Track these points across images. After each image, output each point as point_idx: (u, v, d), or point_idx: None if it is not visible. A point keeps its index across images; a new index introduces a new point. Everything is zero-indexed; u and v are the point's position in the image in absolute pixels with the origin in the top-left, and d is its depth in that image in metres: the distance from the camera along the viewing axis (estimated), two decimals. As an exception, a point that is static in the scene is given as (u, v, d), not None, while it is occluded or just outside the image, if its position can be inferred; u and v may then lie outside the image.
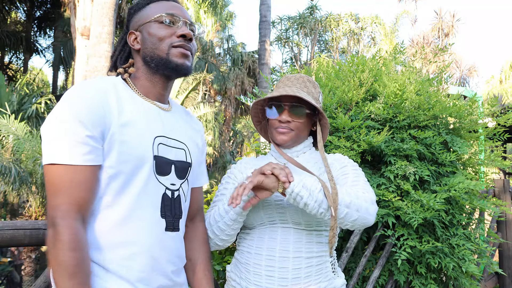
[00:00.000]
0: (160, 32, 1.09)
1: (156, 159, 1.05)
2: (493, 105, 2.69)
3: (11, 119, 7.71)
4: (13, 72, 16.33)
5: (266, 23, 12.04)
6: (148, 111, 1.09)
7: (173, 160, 1.11)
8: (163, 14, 1.11)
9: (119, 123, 1.00)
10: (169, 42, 1.09)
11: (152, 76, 1.13)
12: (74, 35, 9.17)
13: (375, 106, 2.31)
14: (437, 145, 2.25)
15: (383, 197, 2.07)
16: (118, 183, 0.99)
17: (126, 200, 1.00)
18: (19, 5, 15.44)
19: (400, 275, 2.18)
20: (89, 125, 0.95)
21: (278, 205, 1.23)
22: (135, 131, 1.02)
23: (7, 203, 9.54)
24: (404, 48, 2.72)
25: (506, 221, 3.78)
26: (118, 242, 0.99)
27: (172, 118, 1.17)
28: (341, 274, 1.34)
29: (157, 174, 1.06)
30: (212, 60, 17.25)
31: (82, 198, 0.94)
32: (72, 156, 0.93)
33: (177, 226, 1.11)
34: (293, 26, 19.05)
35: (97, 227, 0.98)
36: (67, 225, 0.90)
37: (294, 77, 1.36)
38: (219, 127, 14.87)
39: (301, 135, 1.34)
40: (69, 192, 0.92)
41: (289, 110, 1.29)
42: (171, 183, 1.10)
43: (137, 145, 1.01)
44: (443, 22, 26.74)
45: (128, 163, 1.00)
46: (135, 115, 1.05)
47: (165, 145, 1.09)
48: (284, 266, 1.20)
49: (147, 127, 1.06)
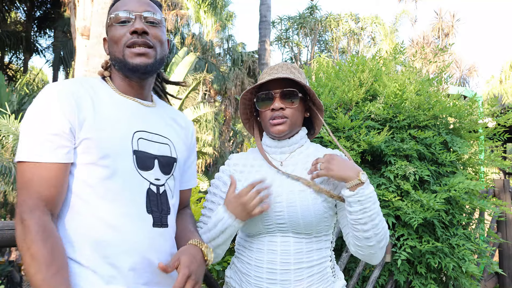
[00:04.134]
0: (115, 34, 1.08)
1: (136, 154, 1.03)
2: (493, 105, 2.69)
3: (11, 119, 7.70)
4: (13, 72, 16.33)
5: (266, 23, 12.04)
6: (126, 107, 1.08)
7: (155, 155, 1.08)
8: (117, 12, 1.08)
9: (94, 120, 0.99)
10: (123, 42, 1.06)
11: (122, 76, 1.11)
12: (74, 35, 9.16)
13: (375, 106, 2.31)
14: (437, 145, 2.25)
15: (383, 197, 2.07)
16: (98, 179, 0.98)
17: (108, 196, 0.98)
18: (19, 5, 15.44)
19: (400, 275, 2.18)
20: (58, 123, 0.95)
21: (278, 216, 1.18)
22: (111, 127, 1.01)
23: (7, 203, 9.53)
24: (404, 48, 2.72)
25: (506, 221, 3.78)
26: (103, 239, 0.96)
27: (155, 114, 1.15)
28: (341, 275, 1.32)
29: (139, 169, 1.03)
30: (212, 60, 17.25)
31: (49, 195, 0.93)
32: (39, 153, 0.94)
33: (165, 222, 1.08)
34: (293, 26, 19.04)
35: (80, 225, 0.97)
36: (34, 218, 0.89)
37: (277, 65, 1.30)
38: (219, 127, 14.86)
39: (296, 122, 1.27)
40: (36, 189, 0.92)
41: (280, 97, 1.23)
42: (155, 178, 1.07)
43: (114, 140, 1.00)
44: (443, 22, 26.73)
45: (107, 159, 0.98)
46: (111, 111, 1.04)
47: (146, 139, 1.07)
48: (286, 279, 1.17)
49: (125, 122, 1.04)
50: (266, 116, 1.26)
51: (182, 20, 16.88)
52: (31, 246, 0.87)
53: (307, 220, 1.17)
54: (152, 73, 1.11)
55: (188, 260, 0.99)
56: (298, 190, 1.19)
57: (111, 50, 1.10)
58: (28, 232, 0.88)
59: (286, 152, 1.30)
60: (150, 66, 1.07)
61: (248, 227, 1.23)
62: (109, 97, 1.07)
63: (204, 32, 18.82)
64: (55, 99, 0.98)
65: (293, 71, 1.27)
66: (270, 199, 1.18)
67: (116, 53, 1.08)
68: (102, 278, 0.95)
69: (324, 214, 1.19)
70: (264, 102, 1.25)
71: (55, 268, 0.87)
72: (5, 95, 9.61)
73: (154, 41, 1.08)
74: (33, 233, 0.87)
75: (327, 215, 1.20)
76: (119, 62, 1.08)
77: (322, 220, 1.19)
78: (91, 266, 0.95)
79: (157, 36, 1.10)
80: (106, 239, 0.96)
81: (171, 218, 1.11)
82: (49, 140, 0.94)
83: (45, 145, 0.94)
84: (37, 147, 0.94)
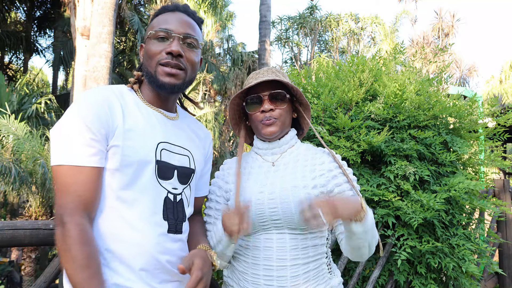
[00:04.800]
0: (152, 48, 1.12)
1: (158, 164, 1.08)
2: (493, 105, 2.69)
3: (11, 119, 7.70)
4: (13, 72, 16.33)
5: (266, 23, 12.03)
6: (152, 118, 1.13)
7: (176, 166, 1.13)
8: (157, 29, 1.12)
9: (124, 128, 1.04)
10: (157, 60, 1.11)
11: (151, 88, 1.16)
12: (74, 35, 9.16)
13: (375, 106, 2.31)
14: (437, 145, 2.25)
15: (383, 197, 2.07)
16: (121, 185, 1.03)
17: (129, 202, 1.03)
18: (19, 5, 15.44)
19: (400, 275, 2.18)
20: (95, 129, 1.00)
21: (272, 213, 1.20)
22: (138, 136, 1.06)
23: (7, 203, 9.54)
24: (404, 48, 2.72)
25: (506, 221, 3.78)
26: (119, 241, 1.01)
27: (178, 126, 1.21)
28: (337, 272, 1.34)
29: (159, 178, 1.09)
30: (212, 60, 17.25)
31: (87, 197, 0.98)
32: (79, 158, 0.98)
33: (180, 229, 1.13)
34: (293, 26, 19.04)
35: (102, 227, 1.02)
36: (75, 222, 0.94)
37: (263, 69, 1.34)
38: (219, 127, 14.87)
39: (285, 123, 1.31)
40: (75, 192, 0.97)
41: (269, 98, 1.27)
42: (173, 187, 1.12)
43: (140, 149, 1.05)
44: (443, 22, 26.74)
45: (131, 166, 1.04)
46: (139, 121, 1.09)
47: (168, 151, 1.12)
48: (283, 275, 1.19)
49: (150, 133, 1.09)
50: (257, 118, 1.29)
51: (182, 20, 16.85)
52: (71, 248, 0.92)
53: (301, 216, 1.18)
54: (179, 92, 1.17)
55: (201, 263, 1.04)
56: (291, 186, 1.21)
57: (145, 62, 1.15)
58: (68, 236, 0.93)
59: (277, 153, 1.33)
60: (177, 86, 1.13)
61: None
62: (137, 107, 1.12)
63: (204, 32, 18.82)
64: (92, 105, 1.02)
65: (278, 75, 1.31)
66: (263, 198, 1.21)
67: (149, 67, 1.13)
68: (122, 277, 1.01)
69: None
70: (254, 105, 1.29)
71: (91, 271, 0.92)
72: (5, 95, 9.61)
73: (186, 64, 1.13)
74: (73, 237, 0.93)
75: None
76: (150, 76, 1.13)
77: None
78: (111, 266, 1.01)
79: (190, 59, 1.14)
80: (124, 240, 1.02)
81: (186, 225, 1.17)
82: (87, 145, 0.99)
83: (84, 150, 0.99)
84: (76, 151, 0.98)
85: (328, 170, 1.27)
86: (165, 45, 1.11)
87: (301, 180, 1.23)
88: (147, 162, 1.06)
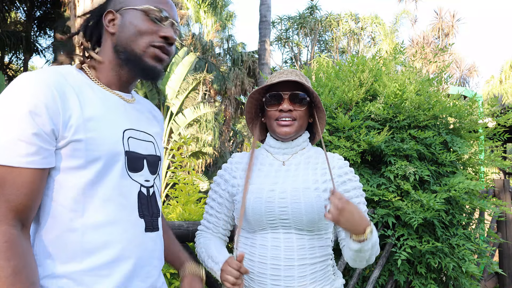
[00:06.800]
0: (143, 26, 0.98)
1: (127, 155, 0.95)
2: (493, 105, 2.69)
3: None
4: (13, 72, 16.33)
5: (266, 23, 12.03)
6: (111, 102, 0.98)
7: (144, 155, 1.01)
8: (153, 7, 0.99)
9: (83, 118, 0.88)
10: (149, 40, 0.98)
11: (119, 67, 1.01)
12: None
13: (375, 106, 2.31)
14: (437, 145, 2.25)
15: (383, 197, 2.07)
16: (86, 184, 0.89)
17: (98, 203, 0.90)
18: (19, 5, 15.45)
19: (400, 275, 2.18)
20: (39, 122, 0.82)
21: (282, 212, 1.20)
22: (102, 125, 0.91)
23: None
24: (404, 48, 2.72)
25: (506, 221, 3.79)
26: (92, 250, 0.88)
27: (137, 109, 1.07)
28: (339, 273, 1.35)
29: (129, 171, 0.96)
30: (212, 60, 17.26)
31: (21, 204, 0.82)
32: (11, 157, 0.80)
33: (156, 225, 1.02)
34: (293, 26, 19.04)
35: (65, 236, 0.87)
36: (2, 232, 0.79)
37: (287, 70, 1.34)
38: (219, 127, 14.87)
39: (302, 126, 1.31)
40: (6, 197, 0.81)
41: (289, 98, 1.27)
42: (145, 180, 1.00)
43: (107, 140, 0.91)
44: (443, 22, 26.74)
45: (97, 162, 0.89)
46: (98, 107, 0.93)
47: (135, 138, 0.99)
48: (290, 275, 1.18)
49: (114, 120, 0.95)
50: (274, 115, 1.29)
51: (182, 20, 16.88)
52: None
53: (310, 217, 1.19)
54: (154, 80, 1.05)
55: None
56: (303, 187, 1.22)
57: (127, 36, 0.98)
58: None
59: (288, 154, 1.33)
60: (160, 74, 1.03)
61: (251, 223, 1.24)
62: (92, 90, 0.95)
63: (204, 32, 18.83)
64: (35, 92, 0.83)
65: (301, 78, 1.32)
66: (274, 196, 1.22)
67: (133, 43, 0.97)
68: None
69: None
70: (273, 102, 1.29)
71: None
72: (5, 95, 9.59)
73: (170, 55, 1.05)
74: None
75: None
76: (132, 54, 0.98)
77: (324, 218, 1.21)
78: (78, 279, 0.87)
79: (173, 50, 1.06)
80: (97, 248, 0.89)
81: (160, 220, 1.06)
82: (25, 141, 0.81)
83: (20, 147, 0.81)
84: (10, 148, 0.80)
85: (338, 175, 1.29)
86: (158, 27, 0.99)
87: (312, 182, 1.24)
88: (116, 154, 0.92)
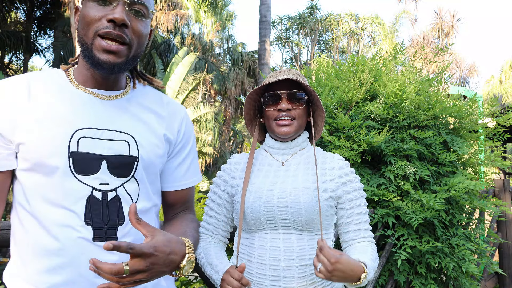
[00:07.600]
0: (90, 13, 0.89)
1: (73, 156, 0.89)
2: (493, 105, 2.69)
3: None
4: (13, 72, 16.33)
5: (266, 23, 12.03)
6: (76, 101, 0.93)
7: (103, 155, 0.92)
8: None
9: (27, 122, 0.88)
10: (95, 28, 0.88)
11: (87, 65, 0.95)
12: (74, 35, 9.17)
13: (375, 106, 2.31)
14: (437, 145, 2.25)
15: (383, 197, 2.07)
16: (35, 186, 0.88)
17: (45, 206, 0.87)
18: (19, 5, 15.44)
19: (400, 275, 2.18)
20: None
21: (282, 212, 1.20)
22: (45, 128, 0.88)
23: (7, 203, 9.53)
24: (404, 48, 2.72)
25: (506, 221, 3.79)
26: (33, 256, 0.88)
27: (117, 106, 0.98)
28: None
29: (77, 173, 0.89)
30: (212, 60, 17.26)
31: None
32: None
33: (114, 234, 0.92)
34: (293, 26, 19.04)
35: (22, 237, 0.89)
36: None
37: (284, 70, 1.33)
38: (219, 127, 14.87)
39: (302, 125, 1.30)
40: None
41: (287, 97, 1.26)
42: (102, 183, 0.91)
43: (45, 142, 0.87)
44: (443, 22, 26.74)
45: (40, 164, 0.87)
46: (52, 108, 0.90)
47: (92, 138, 0.92)
48: (289, 276, 1.18)
49: (64, 121, 0.90)
50: (272, 115, 1.28)
51: (182, 20, 16.88)
52: None
53: (309, 217, 1.19)
54: (120, 72, 0.95)
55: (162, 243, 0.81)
56: (302, 187, 1.22)
57: (81, 30, 0.91)
58: None
59: (288, 154, 1.33)
60: (118, 66, 0.91)
61: (250, 223, 1.24)
62: (58, 91, 0.93)
63: (204, 32, 18.84)
64: None
65: (298, 77, 1.31)
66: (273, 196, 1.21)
67: (84, 36, 0.90)
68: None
69: (325, 212, 1.21)
70: (271, 102, 1.28)
71: None
72: (5, 95, 9.60)
73: (131, 36, 0.91)
74: None
75: (328, 214, 1.23)
76: (85, 49, 0.91)
77: (324, 218, 1.21)
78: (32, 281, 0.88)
79: (137, 30, 0.92)
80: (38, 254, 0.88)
81: (127, 228, 0.94)
82: None
83: None
84: None
85: (338, 176, 1.28)
86: (106, 11, 0.88)
87: (312, 182, 1.23)
88: (57, 156, 0.87)
